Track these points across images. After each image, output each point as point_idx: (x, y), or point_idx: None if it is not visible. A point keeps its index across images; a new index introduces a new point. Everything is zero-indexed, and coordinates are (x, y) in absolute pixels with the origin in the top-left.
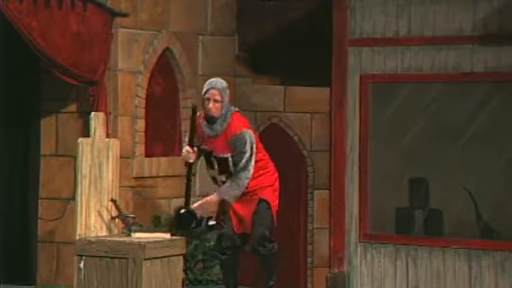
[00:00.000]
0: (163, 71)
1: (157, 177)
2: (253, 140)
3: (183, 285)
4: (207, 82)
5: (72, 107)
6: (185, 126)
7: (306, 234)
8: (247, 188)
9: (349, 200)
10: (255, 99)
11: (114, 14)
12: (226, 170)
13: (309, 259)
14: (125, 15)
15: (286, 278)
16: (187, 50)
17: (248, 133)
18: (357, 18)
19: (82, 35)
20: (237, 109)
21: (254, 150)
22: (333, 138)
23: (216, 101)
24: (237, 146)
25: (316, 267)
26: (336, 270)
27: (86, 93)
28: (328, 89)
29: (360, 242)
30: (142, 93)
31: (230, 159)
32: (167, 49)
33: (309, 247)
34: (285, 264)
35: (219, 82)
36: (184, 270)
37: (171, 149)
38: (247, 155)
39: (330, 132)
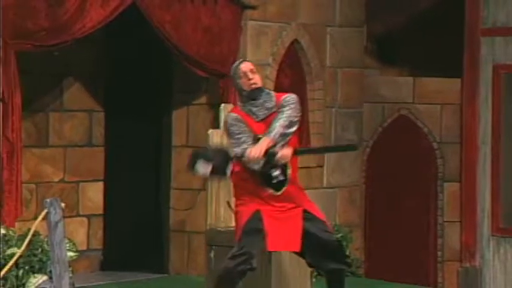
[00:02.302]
0: (291, 63)
1: None
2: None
3: (311, 277)
4: (233, 66)
5: (203, 99)
6: (312, 118)
7: (436, 228)
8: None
9: (481, 193)
10: (383, 91)
11: (244, 6)
12: None
13: (439, 253)
14: (254, 7)
15: (416, 272)
16: (316, 41)
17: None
18: (490, 7)
19: (213, 28)
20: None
21: (298, 115)
22: (464, 130)
23: (252, 71)
24: (284, 106)
25: (446, 261)
26: (468, 265)
27: (216, 85)
28: (459, 79)
29: (492, 236)
30: (271, 85)
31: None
32: (295, 41)
33: (439, 240)
34: (415, 258)
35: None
36: None
37: (299, 140)
38: (290, 111)
39: (460, 124)
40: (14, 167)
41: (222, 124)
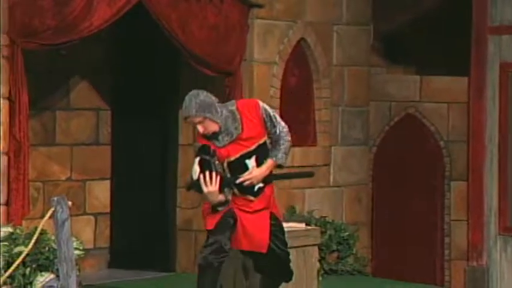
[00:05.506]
0: (298, 62)
1: (292, 167)
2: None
3: (318, 275)
4: (183, 107)
5: None
6: (319, 116)
7: (443, 226)
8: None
9: (488, 192)
10: (390, 89)
11: (250, 5)
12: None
13: (446, 252)
14: (261, 6)
15: (423, 270)
16: (322, 40)
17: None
18: (498, 5)
19: (219, 26)
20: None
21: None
22: (471, 129)
23: (200, 123)
24: (266, 115)
25: (453, 260)
26: (475, 264)
27: (221, 84)
28: (466, 78)
29: (499, 235)
30: (277, 83)
31: (268, 141)
32: (302, 39)
33: (446, 239)
34: (421, 257)
35: (192, 105)
36: (319, 261)
37: (305, 139)
38: (278, 118)
39: (467, 123)
40: (21, 166)
41: None
